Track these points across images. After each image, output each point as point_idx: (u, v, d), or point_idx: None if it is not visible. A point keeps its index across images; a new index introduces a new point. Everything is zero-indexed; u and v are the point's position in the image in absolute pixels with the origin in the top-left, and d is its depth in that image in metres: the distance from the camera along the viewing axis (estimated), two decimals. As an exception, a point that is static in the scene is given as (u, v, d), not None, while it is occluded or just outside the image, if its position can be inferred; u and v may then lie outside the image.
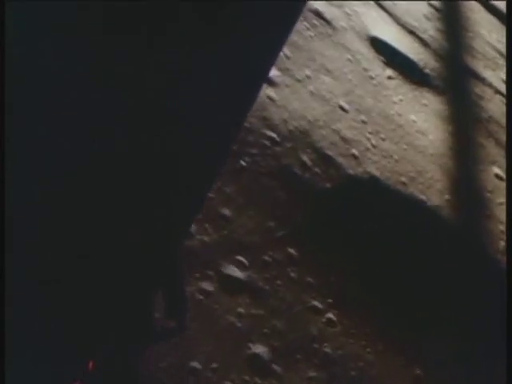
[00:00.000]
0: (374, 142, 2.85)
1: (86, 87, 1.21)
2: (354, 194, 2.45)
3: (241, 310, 1.75)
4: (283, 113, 2.54)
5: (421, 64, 4.01)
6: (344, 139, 2.68)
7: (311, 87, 2.77)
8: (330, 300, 1.97)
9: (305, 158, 2.34)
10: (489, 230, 3.07)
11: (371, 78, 3.39)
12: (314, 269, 2.02)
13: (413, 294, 2.35)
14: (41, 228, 1.25)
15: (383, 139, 2.95)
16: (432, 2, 4.95)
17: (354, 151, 2.67)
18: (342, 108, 2.88)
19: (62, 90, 1.21)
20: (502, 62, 5.07)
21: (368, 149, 2.77)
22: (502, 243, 3.09)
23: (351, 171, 2.54)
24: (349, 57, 3.38)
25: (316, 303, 1.93)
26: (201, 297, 1.68)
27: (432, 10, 4.88)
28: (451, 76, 4.13)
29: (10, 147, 1.20)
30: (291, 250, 2.02)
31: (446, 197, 3.07)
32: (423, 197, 2.91)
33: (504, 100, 4.49)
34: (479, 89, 4.31)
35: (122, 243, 1.31)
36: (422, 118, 3.46)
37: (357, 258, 2.20)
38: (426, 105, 3.62)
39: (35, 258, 1.25)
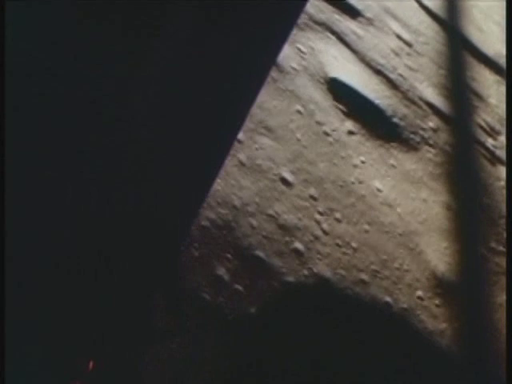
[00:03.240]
0: (325, 226, 2.15)
1: (86, 87, 1.22)
2: (292, 315, 1.73)
3: None
4: (195, 200, 1.81)
5: (389, 111, 3.41)
6: (284, 228, 1.97)
7: (242, 156, 2.05)
8: None
9: (220, 270, 1.62)
10: (475, 339, 2.40)
11: (326, 134, 2.71)
12: None
13: None
14: (41, 228, 1.24)
15: (338, 220, 2.26)
16: (402, 36, 4.43)
17: (298, 245, 1.96)
18: (284, 181, 2.17)
19: (62, 89, 1.21)
20: (477, 103, 4.55)
21: (317, 238, 2.07)
22: (496, 362, 2.43)
23: (291, 277, 1.82)
24: (299, 108, 2.68)
25: None
26: None
27: (402, 45, 4.36)
28: (423, 125, 3.56)
29: (10, 147, 1.19)
30: None
31: (418, 293, 2.39)
32: (388, 298, 2.22)
33: (482, 151, 3.93)
34: (456, 140, 3.75)
35: (122, 243, 1.30)
36: (388, 184, 2.80)
37: None
38: (393, 166, 2.97)
39: (35, 258, 1.25)
